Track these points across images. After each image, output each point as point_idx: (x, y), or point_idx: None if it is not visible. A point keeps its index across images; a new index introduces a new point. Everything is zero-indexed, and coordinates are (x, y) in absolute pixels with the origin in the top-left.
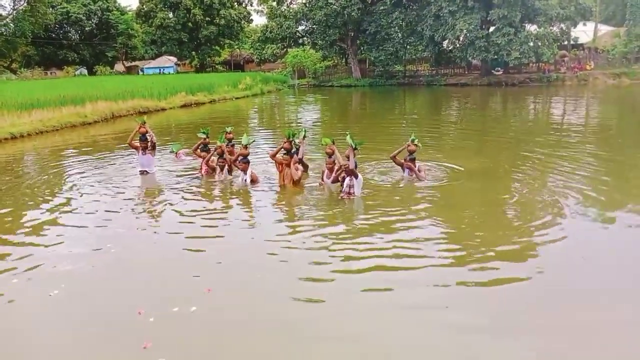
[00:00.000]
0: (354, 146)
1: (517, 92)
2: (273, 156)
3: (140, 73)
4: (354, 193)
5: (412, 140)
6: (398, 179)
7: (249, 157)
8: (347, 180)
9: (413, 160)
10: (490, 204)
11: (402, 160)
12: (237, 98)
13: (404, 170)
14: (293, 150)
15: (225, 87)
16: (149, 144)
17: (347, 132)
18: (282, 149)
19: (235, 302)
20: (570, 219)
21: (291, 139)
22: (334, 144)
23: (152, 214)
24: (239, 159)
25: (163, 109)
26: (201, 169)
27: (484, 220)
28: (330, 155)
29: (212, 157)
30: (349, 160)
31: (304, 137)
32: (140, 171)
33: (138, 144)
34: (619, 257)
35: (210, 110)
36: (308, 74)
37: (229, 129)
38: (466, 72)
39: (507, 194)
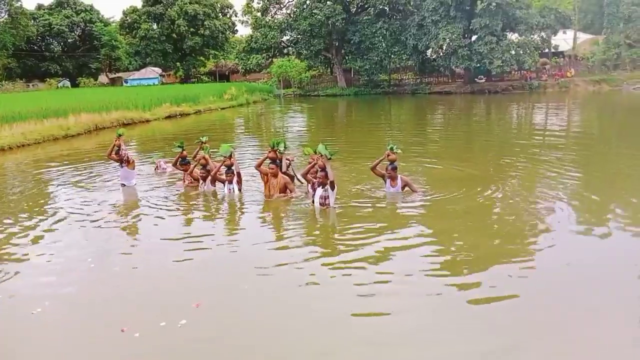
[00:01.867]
0: (328, 156)
1: (500, 99)
2: (258, 166)
3: (125, 84)
4: (329, 204)
5: (391, 149)
6: (378, 192)
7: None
8: (320, 190)
9: (395, 169)
10: (477, 211)
11: (383, 171)
12: (222, 108)
13: (385, 182)
14: (278, 160)
15: (210, 98)
16: (123, 158)
17: (321, 142)
18: (267, 159)
19: (223, 317)
20: (558, 225)
21: (276, 148)
22: (315, 153)
23: (132, 228)
24: (224, 170)
25: (147, 120)
26: (183, 180)
27: (472, 229)
28: (321, 168)
29: (196, 169)
30: (323, 171)
31: (284, 148)
32: (121, 184)
33: (117, 157)
34: (605, 262)
35: (195, 121)
36: (293, 84)
37: (204, 139)
38: (450, 81)
39: (493, 201)
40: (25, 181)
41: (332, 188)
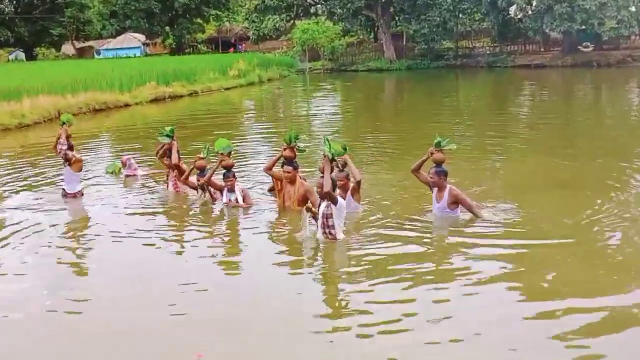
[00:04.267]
0: (330, 156)
1: (615, 75)
2: (269, 169)
3: (97, 56)
4: (334, 233)
5: (437, 144)
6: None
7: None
8: (322, 206)
9: (441, 175)
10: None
11: (429, 176)
12: (226, 89)
13: (431, 190)
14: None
15: (210, 75)
16: (60, 154)
17: (325, 137)
18: (282, 159)
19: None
20: None
21: (293, 145)
22: (346, 150)
23: (93, 247)
24: (224, 173)
25: (127, 105)
26: (167, 184)
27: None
28: (341, 168)
29: (191, 174)
30: (322, 177)
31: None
32: (62, 191)
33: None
34: None
35: (190, 106)
36: (323, 55)
37: (167, 131)
38: (542, 50)
39: (602, 225)
40: None
41: (334, 202)
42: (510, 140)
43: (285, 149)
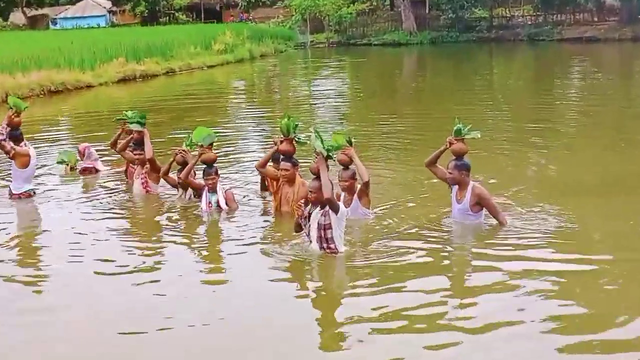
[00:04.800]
0: (324, 153)
1: None
2: (262, 166)
3: (52, 27)
4: (333, 247)
5: (458, 132)
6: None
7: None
8: (315, 214)
9: (461, 169)
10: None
11: (447, 170)
12: (210, 66)
13: (450, 188)
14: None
15: (191, 49)
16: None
17: (312, 130)
18: (277, 154)
19: None
20: None
21: (292, 136)
22: (351, 144)
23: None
24: (204, 169)
25: (89, 86)
26: (131, 183)
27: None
28: (345, 165)
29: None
30: (319, 179)
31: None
32: (9, 190)
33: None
34: None
35: (166, 88)
36: (328, 26)
37: (132, 114)
38: (596, 20)
39: None
40: None
41: (335, 211)
42: (554, 129)
43: (281, 142)
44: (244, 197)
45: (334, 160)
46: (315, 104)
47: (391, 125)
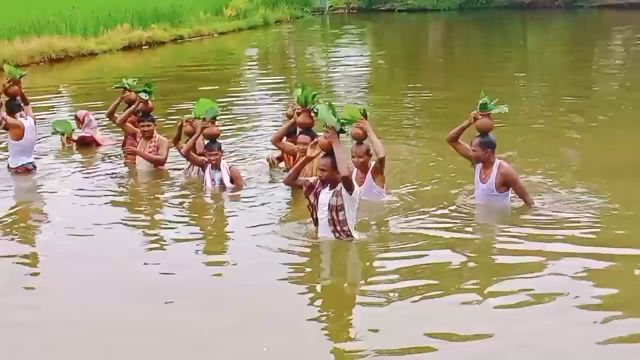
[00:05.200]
0: (338, 126)
1: None
2: (278, 140)
3: None
4: (347, 230)
5: (483, 107)
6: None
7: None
8: (325, 193)
9: (486, 147)
10: None
11: (470, 147)
12: (221, 33)
13: (473, 165)
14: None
15: (200, 15)
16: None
17: (323, 100)
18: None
19: None
20: None
21: (310, 107)
22: (366, 117)
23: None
24: (206, 144)
25: (92, 54)
26: (127, 157)
27: None
28: (359, 139)
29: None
30: (327, 156)
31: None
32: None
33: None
34: None
35: (174, 56)
36: None
37: (129, 82)
38: None
39: None
40: None
41: (350, 191)
42: (593, 106)
43: (299, 114)
44: (255, 173)
45: (348, 134)
46: (333, 74)
47: (414, 98)
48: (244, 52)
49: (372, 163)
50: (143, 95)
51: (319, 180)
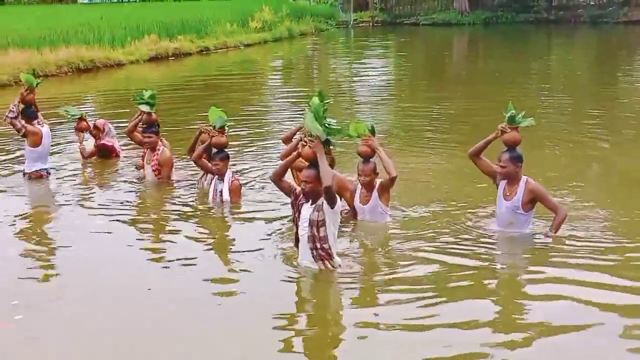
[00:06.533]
0: (323, 135)
1: None
2: (285, 156)
3: (80, 0)
4: (327, 246)
5: (511, 120)
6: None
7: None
8: (307, 208)
9: (515, 162)
10: None
11: (495, 164)
12: (247, 45)
13: (496, 185)
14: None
15: (227, 27)
16: (7, 121)
17: (307, 106)
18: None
19: None
20: None
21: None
22: (374, 134)
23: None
24: (213, 153)
25: (119, 64)
26: (141, 166)
27: None
28: (366, 157)
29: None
30: (311, 168)
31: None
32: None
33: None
34: None
35: (200, 67)
36: (373, 4)
37: (147, 95)
38: None
39: None
40: None
41: (331, 204)
42: (620, 120)
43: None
44: (262, 188)
45: (340, 147)
46: (355, 86)
47: (435, 111)
48: (268, 65)
49: (378, 181)
50: (146, 107)
51: (301, 194)
